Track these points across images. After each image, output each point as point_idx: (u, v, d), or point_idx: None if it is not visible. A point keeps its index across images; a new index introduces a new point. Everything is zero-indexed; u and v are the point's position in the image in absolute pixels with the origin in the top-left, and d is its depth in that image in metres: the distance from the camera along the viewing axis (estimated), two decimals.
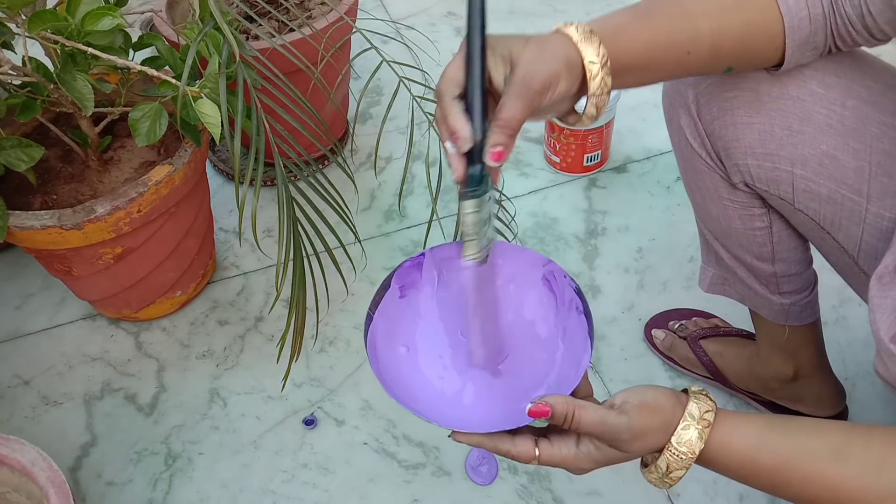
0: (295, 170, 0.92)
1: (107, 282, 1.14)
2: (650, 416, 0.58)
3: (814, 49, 0.68)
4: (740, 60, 0.68)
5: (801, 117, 0.71)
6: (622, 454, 0.59)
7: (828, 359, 1.01)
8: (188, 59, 0.83)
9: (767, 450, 0.57)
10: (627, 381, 1.13)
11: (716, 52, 0.65)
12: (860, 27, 0.64)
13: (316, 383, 1.17)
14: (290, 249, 0.88)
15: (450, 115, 0.58)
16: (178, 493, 1.06)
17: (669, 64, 0.65)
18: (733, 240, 0.87)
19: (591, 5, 1.85)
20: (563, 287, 0.71)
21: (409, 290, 0.73)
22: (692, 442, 0.57)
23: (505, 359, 0.71)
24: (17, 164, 0.99)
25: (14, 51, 0.97)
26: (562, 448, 0.60)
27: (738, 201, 0.82)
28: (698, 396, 0.59)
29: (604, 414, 0.58)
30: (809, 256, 0.90)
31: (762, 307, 0.93)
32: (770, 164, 0.75)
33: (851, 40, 0.66)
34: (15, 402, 1.18)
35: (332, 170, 1.47)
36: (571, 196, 1.41)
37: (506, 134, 0.57)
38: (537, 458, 0.60)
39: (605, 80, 0.60)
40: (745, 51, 0.67)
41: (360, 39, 1.39)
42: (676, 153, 0.87)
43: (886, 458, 0.54)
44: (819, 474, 0.56)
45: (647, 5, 0.65)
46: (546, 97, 0.58)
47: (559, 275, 0.71)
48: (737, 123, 0.75)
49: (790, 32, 0.65)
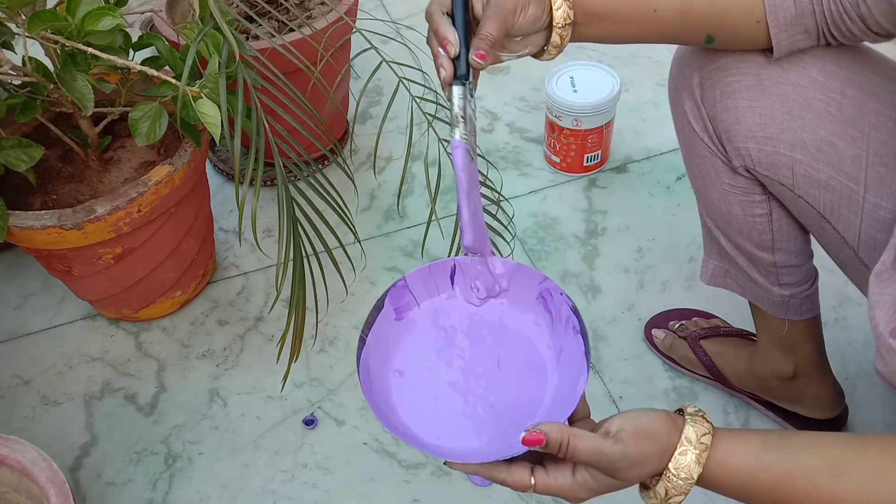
0: (295, 170, 0.92)
1: (107, 282, 1.14)
2: (646, 443, 0.57)
3: (805, 33, 0.69)
4: (719, 29, 0.71)
5: (801, 103, 0.73)
6: (619, 482, 0.58)
7: (828, 359, 1.01)
8: (188, 59, 0.83)
9: (765, 469, 0.57)
10: (627, 382, 1.14)
11: (686, 15, 0.69)
12: (855, 16, 0.65)
13: (316, 383, 1.17)
14: (290, 249, 0.88)
15: (440, 27, 0.67)
16: (178, 493, 1.06)
17: (637, 20, 0.71)
18: (733, 227, 0.88)
19: None
20: (559, 305, 0.69)
21: (404, 313, 0.72)
22: (690, 467, 0.57)
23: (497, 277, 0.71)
24: (17, 164, 0.99)
25: (14, 51, 0.97)
26: (558, 477, 0.59)
27: (738, 187, 0.83)
28: (695, 419, 0.58)
29: (599, 443, 0.57)
30: (810, 249, 0.90)
31: (762, 299, 0.93)
32: (770, 148, 0.76)
33: (847, 30, 0.67)
34: (15, 402, 1.18)
35: (332, 170, 1.47)
36: (571, 196, 1.41)
37: (486, 42, 0.67)
38: (533, 486, 0.60)
39: (567, 13, 0.69)
40: (719, 18, 0.69)
41: (359, 39, 1.39)
42: (679, 138, 0.88)
43: (884, 469, 0.55)
44: (818, 491, 0.55)
45: None
46: (517, 17, 0.68)
47: (555, 292, 0.69)
48: (738, 107, 0.76)
49: (771, 10, 0.67)
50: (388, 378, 0.69)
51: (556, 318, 0.69)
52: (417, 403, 0.68)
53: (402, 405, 0.67)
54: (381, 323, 0.70)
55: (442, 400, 0.68)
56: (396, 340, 0.71)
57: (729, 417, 1.09)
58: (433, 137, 0.93)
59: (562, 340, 0.68)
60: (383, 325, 0.70)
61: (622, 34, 0.73)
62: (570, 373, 0.65)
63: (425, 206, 1.40)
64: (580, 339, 0.65)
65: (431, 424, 0.66)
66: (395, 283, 0.71)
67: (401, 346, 0.71)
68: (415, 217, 1.39)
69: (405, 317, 0.72)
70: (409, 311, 0.72)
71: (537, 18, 0.70)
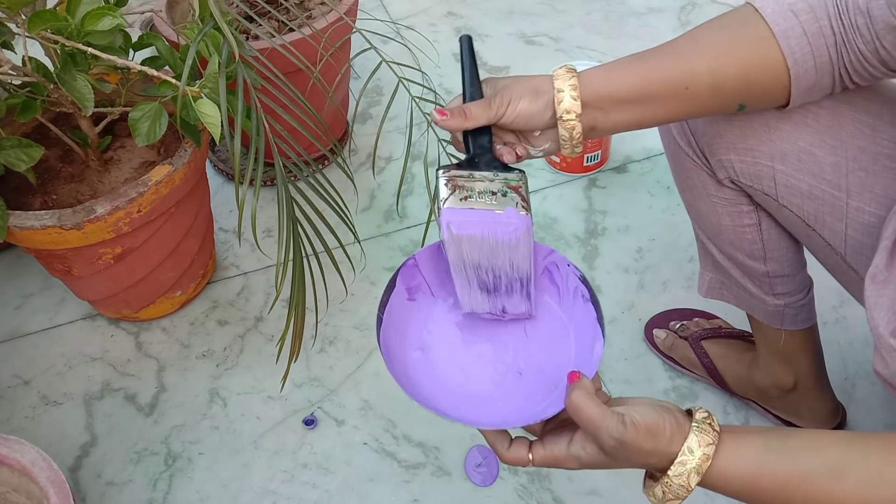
0: (295, 170, 0.92)
1: (107, 282, 1.14)
2: (645, 438, 0.58)
3: (821, 90, 0.70)
4: (749, 98, 0.71)
5: (778, 115, 0.74)
6: (607, 460, 0.60)
7: (827, 374, 1.02)
8: (188, 59, 0.83)
9: (766, 473, 0.58)
10: (627, 382, 1.13)
11: (717, 89, 0.69)
12: (876, 62, 0.66)
13: (316, 383, 1.17)
14: (290, 249, 0.88)
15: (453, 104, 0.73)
16: (178, 493, 1.06)
17: (669, 99, 0.70)
18: (724, 238, 0.89)
19: (591, 5, 1.85)
20: (566, 276, 0.71)
21: (416, 294, 0.73)
22: (688, 476, 0.58)
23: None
24: (17, 164, 0.99)
25: (14, 51, 0.97)
26: (553, 449, 0.62)
27: (725, 198, 0.85)
28: (701, 427, 0.59)
29: (603, 417, 0.58)
30: (803, 259, 0.91)
31: (757, 309, 0.94)
32: (751, 159, 0.77)
33: (869, 75, 0.68)
34: (15, 402, 1.18)
35: (332, 170, 1.47)
36: (571, 196, 1.41)
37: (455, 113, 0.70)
38: (531, 461, 0.63)
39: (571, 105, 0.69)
40: (750, 88, 0.69)
41: (359, 39, 1.39)
42: (667, 152, 0.90)
43: (884, 468, 0.55)
44: (819, 493, 0.56)
45: (642, 52, 0.72)
46: (505, 108, 0.70)
47: (562, 264, 0.71)
48: (718, 120, 0.78)
49: (796, 81, 0.68)
50: (409, 355, 0.71)
51: (564, 290, 0.72)
52: (443, 377, 0.69)
53: (426, 380, 0.69)
54: (394, 302, 0.71)
55: (471, 372, 0.70)
56: (413, 319, 0.73)
57: (729, 418, 1.09)
58: (433, 137, 0.93)
59: (571, 310, 0.71)
60: (397, 305, 0.72)
61: (654, 115, 0.72)
62: (584, 341, 0.68)
63: (425, 206, 1.40)
64: (590, 307, 0.68)
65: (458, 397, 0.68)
66: (405, 263, 0.73)
67: (418, 324, 0.73)
68: (414, 217, 1.39)
69: (417, 298, 0.73)
70: (422, 293, 0.74)
71: (534, 114, 0.70)
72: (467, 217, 0.67)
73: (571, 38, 1.76)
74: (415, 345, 0.71)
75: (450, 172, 0.70)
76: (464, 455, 1.07)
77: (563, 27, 1.79)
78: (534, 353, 0.71)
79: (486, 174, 0.70)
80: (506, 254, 0.68)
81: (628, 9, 1.83)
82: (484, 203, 0.68)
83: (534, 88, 0.70)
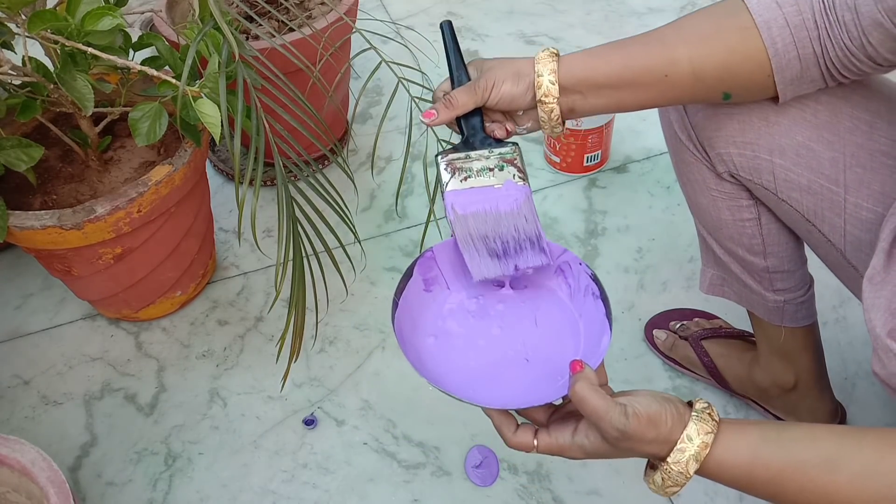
0: (295, 170, 0.92)
1: (107, 282, 1.14)
2: (647, 428, 0.59)
3: (811, 82, 0.71)
4: (733, 86, 0.72)
5: (777, 110, 0.75)
6: (610, 449, 0.62)
7: (827, 374, 1.02)
8: (188, 59, 0.83)
9: (762, 464, 0.59)
10: (627, 382, 1.13)
11: (698, 77, 0.71)
12: (863, 58, 0.67)
13: (316, 383, 1.17)
14: (290, 249, 0.88)
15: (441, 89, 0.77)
16: (178, 493, 1.06)
17: (648, 86, 0.72)
18: (724, 232, 0.89)
19: (591, 5, 1.85)
20: (577, 275, 0.73)
21: (433, 286, 0.76)
22: (687, 463, 0.59)
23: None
24: (17, 164, 0.99)
25: (14, 51, 0.97)
26: (558, 437, 0.64)
27: (725, 192, 0.85)
28: (701, 416, 0.60)
29: (607, 407, 0.60)
30: (803, 256, 0.91)
31: (757, 306, 0.94)
32: (750, 153, 0.78)
33: (857, 69, 0.68)
34: (15, 402, 1.18)
35: (332, 170, 1.47)
36: (571, 196, 1.41)
37: (442, 106, 0.74)
38: (536, 447, 0.64)
39: (548, 89, 0.72)
40: (732, 77, 0.71)
41: (359, 39, 1.39)
42: (668, 146, 0.91)
43: (878, 462, 0.56)
44: (813, 484, 0.57)
45: (626, 38, 0.74)
46: (489, 92, 0.73)
47: (574, 263, 0.74)
48: (718, 114, 0.79)
49: (779, 71, 0.69)
50: (423, 341, 0.73)
51: (575, 288, 0.74)
52: (454, 361, 0.71)
53: (436, 363, 0.71)
54: (410, 290, 0.74)
55: (481, 357, 0.72)
56: (428, 308, 0.75)
57: (729, 417, 1.09)
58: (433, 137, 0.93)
59: (581, 307, 0.73)
60: (413, 293, 0.74)
61: (634, 100, 0.74)
62: (592, 335, 0.70)
63: (425, 206, 1.40)
64: (600, 304, 0.71)
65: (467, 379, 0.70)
66: (422, 254, 0.75)
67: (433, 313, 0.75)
68: (414, 217, 1.39)
69: (433, 289, 0.76)
70: (437, 285, 0.76)
71: (516, 96, 0.73)
72: (468, 197, 0.73)
73: (571, 38, 1.76)
74: (429, 332, 0.74)
75: (448, 157, 0.75)
76: (464, 455, 1.07)
77: (563, 27, 1.79)
78: (542, 342, 0.73)
79: (482, 152, 0.75)
80: (510, 222, 0.73)
81: (628, 9, 1.84)
82: (483, 180, 0.74)
83: (516, 71, 0.73)
